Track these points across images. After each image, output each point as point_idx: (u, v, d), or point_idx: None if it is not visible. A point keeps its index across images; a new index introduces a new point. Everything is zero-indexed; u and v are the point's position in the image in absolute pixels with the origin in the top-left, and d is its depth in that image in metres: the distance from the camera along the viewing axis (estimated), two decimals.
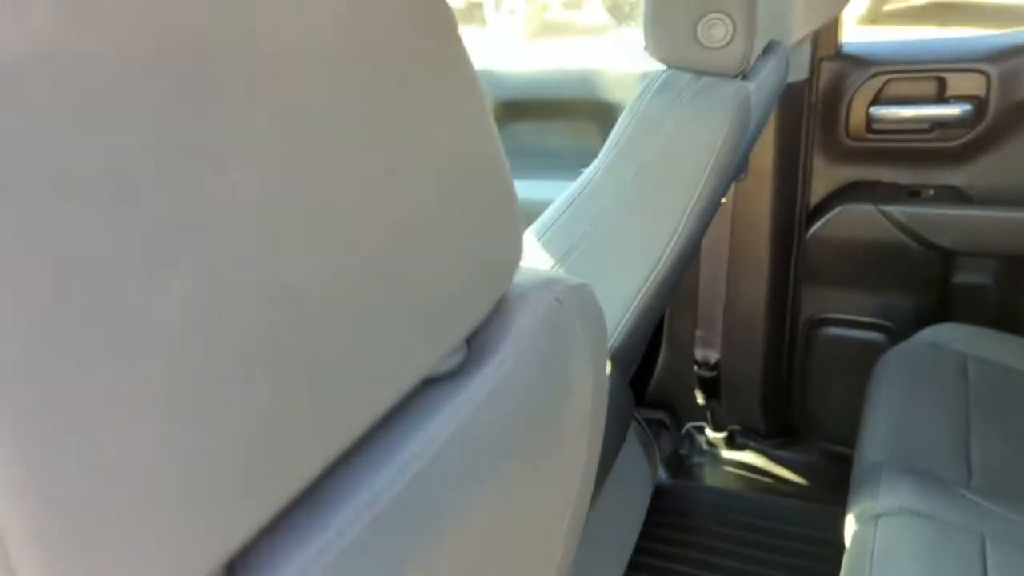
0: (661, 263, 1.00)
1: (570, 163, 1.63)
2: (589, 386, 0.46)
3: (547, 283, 0.44)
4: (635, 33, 6.03)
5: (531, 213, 1.61)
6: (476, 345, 0.41)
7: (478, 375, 0.39)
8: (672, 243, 0.99)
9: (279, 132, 0.28)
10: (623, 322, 1.04)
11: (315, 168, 0.29)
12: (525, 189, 1.60)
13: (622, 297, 1.02)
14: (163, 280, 0.24)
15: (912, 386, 1.17)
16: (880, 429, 1.11)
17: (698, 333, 1.57)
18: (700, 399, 1.63)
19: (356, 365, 0.31)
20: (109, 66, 0.23)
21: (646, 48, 1.02)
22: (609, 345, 1.06)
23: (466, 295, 0.38)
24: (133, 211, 0.24)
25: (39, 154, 0.22)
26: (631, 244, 1.00)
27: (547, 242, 1.05)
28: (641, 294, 1.01)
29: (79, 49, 0.22)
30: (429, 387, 0.38)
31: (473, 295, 0.38)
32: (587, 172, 1.05)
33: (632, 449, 1.40)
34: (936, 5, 5.90)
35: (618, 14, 6.80)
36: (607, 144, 1.03)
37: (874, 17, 5.82)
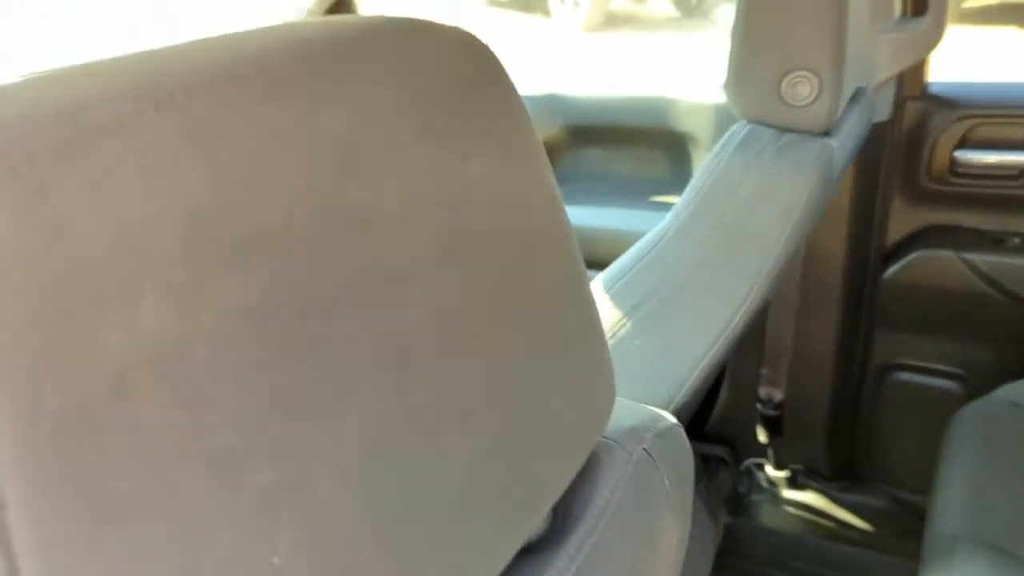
0: (734, 322, 0.97)
1: (637, 191, 1.60)
2: (676, 536, 0.44)
3: (636, 432, 0.43)
4: (702, 32, 5.91)
5: (594, 240, 1.59)
6: (562, 509, 0.39)
7: (565, 546, 0.38)
8: (746, 303, 0.96)
9: (380, 367, 0.26)
10: (690, 379, 1.01)
11: (415, 396, 0.28)
12: (589, 216, 1.58)
13: (691, 354, 1.00)
14: (262, 555, 0.23)
15: (989, 449, 1.13)
16: (955, 497, 1.07)
17: (763, 371, 1.53)
18: (762, 437, 1.60)
19: (446, 564, 0.30)
20: (212, 346, 0.22)
21: (728, 100, 0.99)
22: (674, 402, 1.04)
23: (557, 461, 0.36)
24: (234, 492, 0.22)
25: (142, 460, 0.21)
26: (704, 302, 0.98)
27: (616, 294, 1.03)
28: (711, 353, 0.99)
29: (183, 337, 0.21)
30: (513, 560, 0.37)
31: (564, 459, 0.37)
32: (661, 225, 1.02)
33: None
34: (1014, 5, 5.69)
35: (684, 6, 6.69)
36: (683, 198, 1.00)
37: (952, 16, 5.62)
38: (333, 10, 1.68)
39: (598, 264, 1.62)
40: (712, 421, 1.63)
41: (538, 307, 0.34)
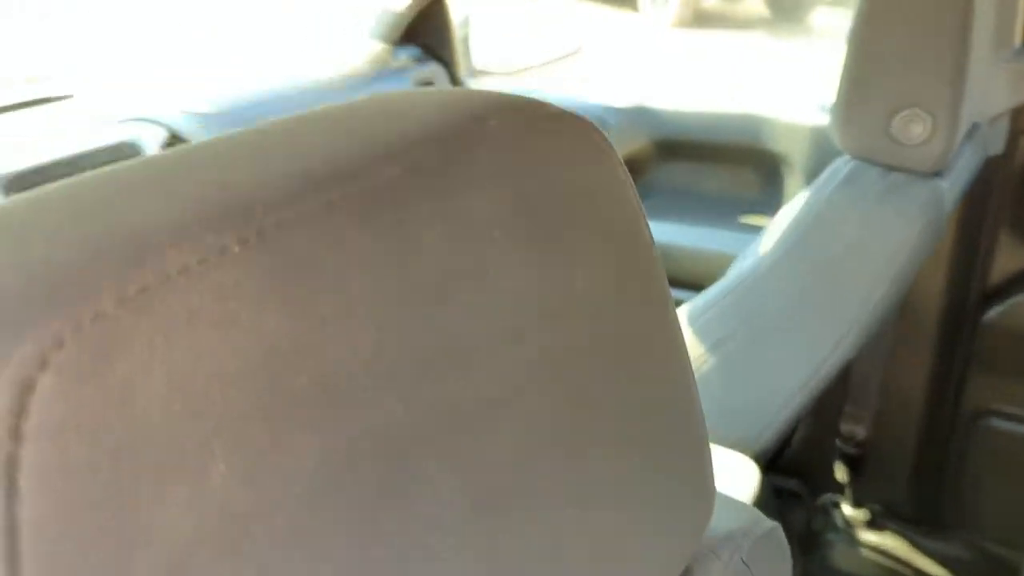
0: (823, 368, 0.92)
1: (724, 210, 1.55)
2: None
3: (733, 539, 0.39)
4: (794, 37, 5.73)
5: (677, 258, 1.54)
6: None
7: None
8: (837, 350, 0.91)
9: (466, 514, 0.24)
10: (774, 423, 0.97)
11: (503, 543, 0.25)
12: (674, 232, 1.54)
13: (776, 397, 0.95)
14: None
15: None
16: None
17: (846, 407, 1.47)
18: (840, 474, 1.53)
19: None
20: (286, 513, 0.19)
21: (832, 134, 0.94)
22: (755, 445, 0.99)
23: None
24: None
25: None
26: (793, 344, 0.93)
27: (702, 327, 0.99)
28: (796, 397, 0.94)
29: (255, 507, 0.19)
30: None
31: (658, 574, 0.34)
32: (753, 259, 0.98)
33: None
34: None
35: (777, 8, 6.52)
36: (780, 231, 0.95)
37: None
38: (427, 9, 1.66)
39: (679, 283, 1.57)
40: (787, 452, 1.57)
41: (640, 419, 0.31)
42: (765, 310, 0.94)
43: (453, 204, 0.23)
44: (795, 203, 1.03)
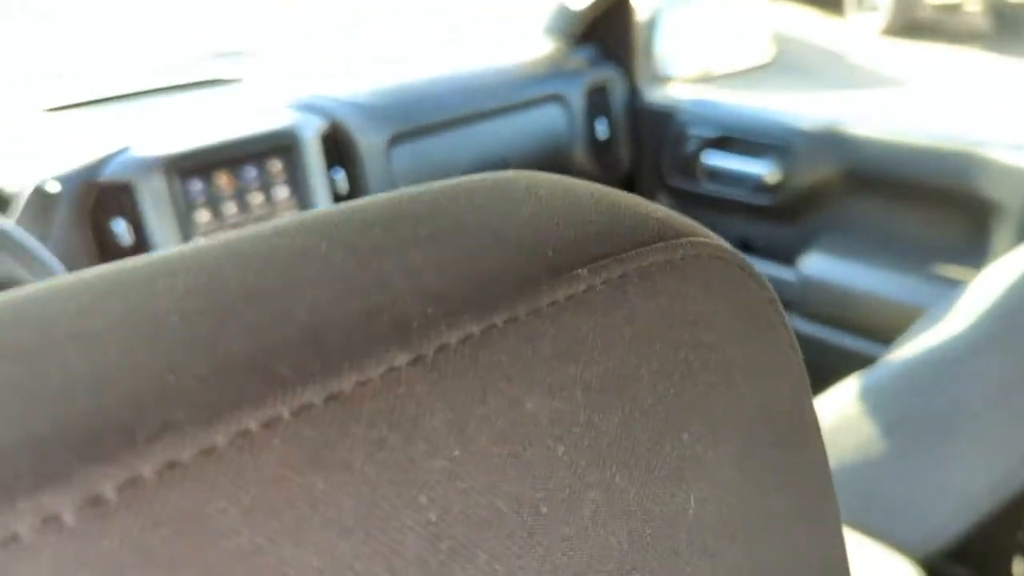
0: (1018, 475, 0.78)
1: (917, 257, 1.38)
2: None
3: None
4: (1017, 57, 5.25)
5: (856, 303, 1.39)
6: None
7: None
8: None
9: None
10: (949, 528, 0.83)
11: None
12: (855, 274, 1.39)
13: (958, 500, 0.82)
14: None
15: None
16: None
17: None
18: (1019, 568, 1.34)
19: None
20: None
21: None
22: (930, 552, 0.86)
23: None
24: None
25: None
26: (988, 443, 0.79)
27: (882, 403, 0.86)
28: (981, 504, 0.80)
29: None
30: None
31: None
32: (951, 328, 0.84)
33: None
34: None
35: (1000, 21, 5.98)
36: (988, 303, 0.81)
37: None
38: (609, 7, 1.57)
39: (855, 330, 1.42)
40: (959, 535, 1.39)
41: None
42: (960, 397, 0.80)
43: (483, 410, 0.15)
44: (1007, 265, 0.88)
